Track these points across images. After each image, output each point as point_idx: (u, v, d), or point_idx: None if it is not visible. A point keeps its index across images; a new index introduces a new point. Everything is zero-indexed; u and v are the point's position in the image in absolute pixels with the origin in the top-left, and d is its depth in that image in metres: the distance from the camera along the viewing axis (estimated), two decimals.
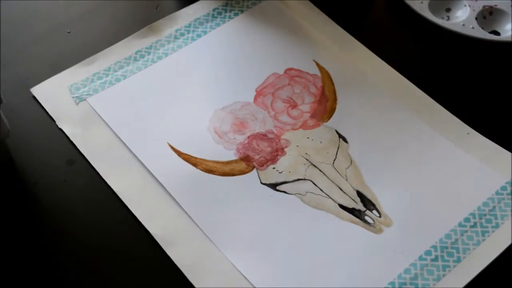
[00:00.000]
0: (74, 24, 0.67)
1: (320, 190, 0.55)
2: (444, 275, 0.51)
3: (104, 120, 0.59)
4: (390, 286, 0.50)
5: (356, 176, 0.56)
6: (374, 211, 0.54)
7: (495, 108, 0.62)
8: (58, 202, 0.55)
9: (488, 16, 0.68)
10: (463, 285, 0.50)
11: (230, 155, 0.57)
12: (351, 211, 0.54)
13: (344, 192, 0.55)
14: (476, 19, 0.67)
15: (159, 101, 0.61)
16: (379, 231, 0.53)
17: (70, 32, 0.67)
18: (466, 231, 0.53)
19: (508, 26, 0.67)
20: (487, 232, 0.53)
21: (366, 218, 0.54)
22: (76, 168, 0.57)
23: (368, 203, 0.55)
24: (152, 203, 0.54)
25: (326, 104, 0.61)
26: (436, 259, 0.51)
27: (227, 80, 0.62)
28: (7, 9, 0.68)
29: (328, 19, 0.67)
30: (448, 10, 0.69)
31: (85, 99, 0.61)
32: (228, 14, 0.68)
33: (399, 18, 0.70)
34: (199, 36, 0.66)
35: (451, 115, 0.60)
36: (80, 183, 0.56)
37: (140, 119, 0.60)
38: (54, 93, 0.61)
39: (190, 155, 0.57)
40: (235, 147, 0.58)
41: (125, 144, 0.58)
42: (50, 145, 0.58)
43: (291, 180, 0.56)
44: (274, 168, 0.57)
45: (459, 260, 0.51)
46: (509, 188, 0.55)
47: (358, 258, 0.52)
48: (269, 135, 0.59)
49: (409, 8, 0.68)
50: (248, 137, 0.59)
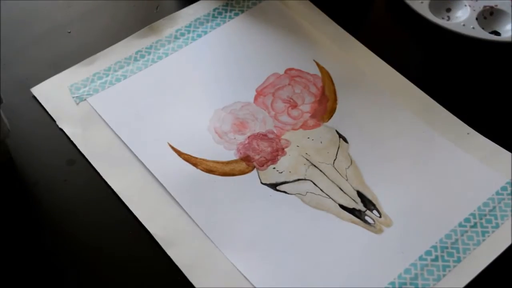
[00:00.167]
0: (74, 24, 0.67)
1: (320, 190, 0.55)
2: (444, 275, 0.51)
3: (104, 120, 0.59)
4: (390, 286, 0.50)
5: (356, 176, 0.56)
6: (374, 211, 0.54)
7: (495, 108, 0.62)
8: (58, 202, 0.55)
9: (489, 16, 0.68)
10: (463, 285, 0.50)
11: (230, 155, 0.57)
12: (352, 211, 0.54)
13: (345, 192, 0.55)
14: (477, 19, 0.67)
15: (160, 101, 0.61)
16: (379, 231, 0.53)
17: (70, 32, 0.67)
18: (466, 231, 0.53)
19: (509, 27, 0.67)
20: (487, 232, 0.53)
21: (366, 218, 0.54)
22: (76, 168, 0.57)
23: (369, 203, 0.55)
24: (152, 203, 0.54)
25: (326, 104, 0.61)
26: (436, 259, 0.51)
27: (228, 80, 0.62)
28: (7, 9, 0.68)
29: (328, 19, 0.67)
30: (449, 10, 0.69)
31: (85, 99, 0.61)
32: (228, 14, 0.68)
33: (399, 18, 0.69)
34: (199, 36, 0.66)
35: (451, 115, 0.60)
36: (80, 183, 0.56)
37: (141, 119, 0.60)
38: (54, 93, 0.61)
39: (190, 155, 0.57)
40: (235, 147, 0.58)
41: (125, 144, 0.58)
42: (50, 145, 0.58)
43: (291, 180, 0.56)
44: (274, 168, 0.57)
45: (459, 260, 0.51)
46: (509, 188, 0.55)
47: (358, 258, 0.52)
48: (269, 135, 0.59)
49: (409, 8, 0.68)
50: (249, 137, 0.59)
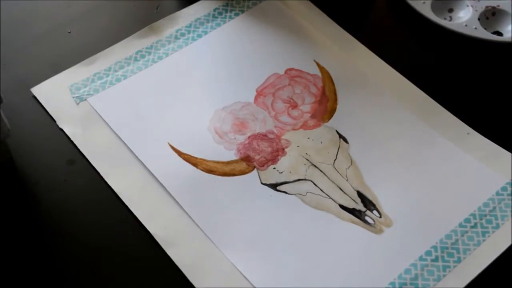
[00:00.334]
0: (74, 24, 0.67)
1: (321, 190, 0.55)
2: (444, 276, 0.50)
3: (104, 120, 0.59)
4: (390, 286, 0.50)
5: (356, 177, 0.56)
6: (375, 212, 0.54)
7: (496, 109, 0.62)
8: (58, 202, 0.55)
9: (491, 16, 0.68)
10: (464, 285, 0.50)
11: (230, 155, 0.57)
12: (352, 211, 0.54)
13: (345, 193, 0.55)
14: (479, 19, 0.67)
15: (160, 101, 0.61)
16: (379, 232, 0.53)
17: (70, 32, 0.67)
18: (467, 232, 0.53)
19: (510, 27, 0.67)
20: (488, 232, 0.53)
21: (367, 218, 0.54)
22: (76, 168, 0.57)
23: (369, 204, 0.54)
24: (152, 203, 0.54)
25: (326, 104, 0.61)
26: (436, 259, 0.51)
27: (228, 80, 0.62)
28: (7, 9, 0.68)
29: (328, 19, 0.67)
30: (451, 10, 0.69)
31: (85, 99, 0.61)
32: (228, 14, 0.68)
33: (400, 18, 0.69)
34: (199, 36, 0.66)
35: (451, 115, 0.60)
36: (80, 183, 0.56)
37: (141, 119, 0.60)
38: (54, 93, 0.61)
39: (190, 155, 0.57)
40: (235, 147, 0.58)
41: (125, 144, 0.58)
42: (50, 145, 0.58)
43: (291, 180, 0.56)
44: (274, 168, 0.57)
45: (459, 261, 0.51)
46: (509, 188, 0.55)
47: (358, 258, 0.52)
48: (269, 135, 0.59)
49: (411, 8, 0.68)
50: (249, 137, 0.59)
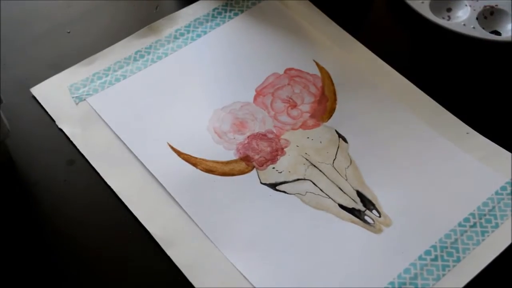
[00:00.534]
0: (74, 24, 0.67)
1: (320, 190, 0.55)
2: (443, 275, 0.51)
3: (104, 120, 0.59)
4: (390, 286, 0.50)
5: (356, 176, 0.56)
6: (374, 211, 0.54)
7: (495, 108, 0.62)
8: (58, 202, 0.55)
9: (489, 16, 0.68)
10: (463, 285, 0.50)
11: (230, 155, 0.57)
12: (351, 211, 0.54)
13: (344, 192, 0.55)
14: (477, 19, 0.67)
15: (159, 101, 0.61)
16: (378, 231, 0.53)
17: (70, 32, 0.67)
18: (466, 231, 0.53)
19: (509, 26, 0.67)
20: (487, 232, 0.53)
21: (366, 218, 0.54)
22: (76, 168, 0.57)
23: (368, 203, 0.55)
24: (152, 203, 0.54)
25: (326, 104, 0.61)
26: (435, 259, 0.51)
27: (227, 80, 0.62)
28: (7, 9, 0.68)
29: (328, 19, 0.67)
30: (449, 10, 0.69)
31: (85, 99, 0.61)
32: (228, 14, 0.68)
33: (399, 18, 0.69)
34: (199, 36, 0.66)
35: (451, 115, 0.60)
36: (80, 183, 0.56)
37: (140, 119, 0.60)
38: (54, 93, 0.61)
39: (190, 155, 0.57)
40: (235, 147, 0.58)
41: (125, 144, 0.58)
42: (50, 145, 0.58)
43: (291, 180, 0.56)
44: (274, 168, 0.57)
45: (458, 260, 0.51)
46: (509, 188, 0.55)
47: (358, 258, 0.52)
48: (269, 135, 0.59)
49: (409, 8, 0.68)
50: (248, 137, 0.59)
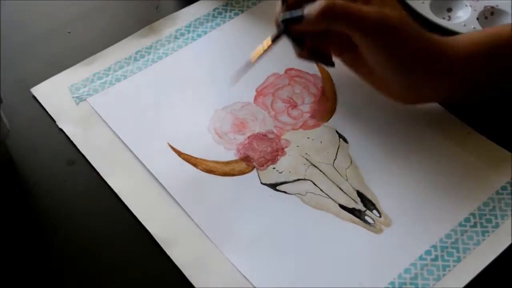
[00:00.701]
0: (74, 24, 0.67)
1: (320, 190, 0.55)
2: (444, 275, 0.50)
3: (104, 120, 0.59)
4: (390, 286, 0.50)
5: (356, 176, 0.56)
6: (374, 211, 0.54)
7: (495, 108, 0.62)
8: (58, 202, 0.55)
9: (490, 16, 0.67)
10: (463, 285, 0.50)
11: (230, 155, 0.57)
12: (351, 211, 0.54)
13: (344, 192, 0.55)
14: (478, 19, 0.66)
15: (159, 101, 0.61)
16: (379, 231, 0.53)
17: (70, 32, 0.67)
18: (466, 231, 0.53)
19: None
20: (487, 232, 0.53)
21: (366, 218, 0.54)
22: (76, 168, 0.57)
23: (368, 203, 0.55)
24: (152, 203, 0.54)
25: (326, 104, 0.61)
26: (436, 259, 0.51)
27: (227, 80, 0.62)
28: (7, 9, 0.68)
29: None
30: (450, 10, 0.69)
31: (85, 99, 0.61)
32: (228, 14, 0.68)
33: None
34: (199, 36, 0.66)
35: (451, 115, 0.60)
36: (80, 183, 0.56)
37: (141, 119, 0.60)
38: (54, 93, 0.61)
39: (190, 155, 0.57)
40: (235, 147, 0.58)
41: (125, 144, 0.58)
42: (50, 145, 0.58)
43: (291, 180, 0.56)
44: (274, 168, 0.57)
45: (459, 260, 0.51)
46: (509, 188, 0.55)
47: (358, 258, 0.52)
48: (269, 135, 0.59)
49: (410, 7, 0.68)
50: (248, 137, 0.59)
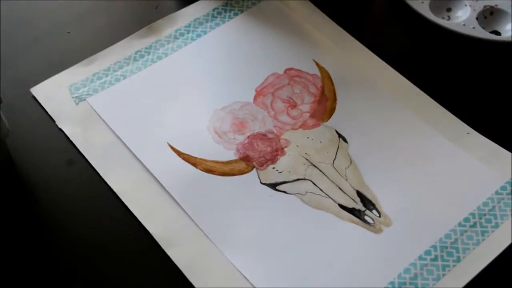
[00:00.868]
0: (74, 24, 0.67)
1: (320, 190, 0.55)
2: (443, 275, 0.51)
3: (104, 120, 0.59)
4: (390, 286, 0.50)
5: (356, 176, 0.56)
6: (374, 211, 0.54)
7: (495, 108, 0.62)
8: (57, 202, 0.55)
9: (489, 16, 0.68)
10: (463, 285, 0.50)
11: (230, 155, 0.57)
12: (351, 211, 0.54)
13: (344, 192, 0.55)
14: (477, 19, 0.66)
15: (159, 101, 0.61)
16: (378, 231, 0.53)
17: (70, 32, 0.67)
18: (466, 231, 0.53)
19: (509, 26, 0.67)
20: (487, 232, 0.53)
21: (366, 218, 0.54)
22: (76, 168, 0.57)
23: (368, 203, 0.55)
24: (152, 203, 0.54)
25: (325, 104, 0.61)
26: (435, 259, 0.51)
27: (227, 80, 0.62)
28: (7, 9, 0.68)
29: (328, 19, 0.67)
30: (449, 10, 0.69)
31: (85, 99, 0.61)
32: (228, 14, 0.68)
33: (399, 18, 0.69)
34: (198, 36, 0.66)
35: (451, 115, 0.60)
36: (80, 183, 0.56)
37: (140, 119, 0.60)
38: (54, 93, 0.61)
39: (190, 155, 0.57)
40: (235, 147, 0.58)
41: (125, 144, 0.58)
42: (50, 145, 0.58)
43: (291, 180, 0.56)
44: (274, 168, 0.57)
45: (458, 260, 0.51)
46: (508, 188, 0.55)
47: (358, 258, 0.52)
48: (269, 135, 0.59)
49: (409, 8, 0.68)
50: (248, 137, 0.59)
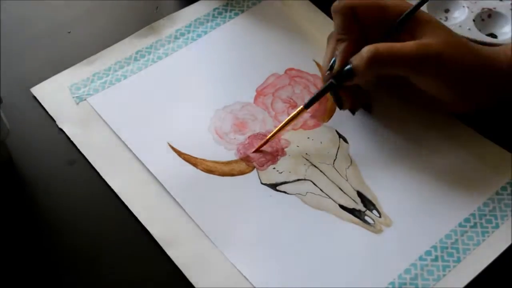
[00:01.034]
0: (74, 24, 0.67)
1: (320, 190, 0.55)
2: (444, 275, 0.51)
3: (104, 120, 0.59)
4: (390, 286, 0.50)
5: (356, 176, 0.56)
6: (374, 211, 0.54)
7: (495, 109, 0.62)
8: (58, 202, 0.55)
9: (487, 18, 0.67)
10: (463, 285, 0.50)
11: (230, 155, 0.57)
12: (351, 211, 0.54)
13: (344, 192, 0.55)
14: (474, 21, 0.66)
15: (160, 101, 0.61)
16: (379, 231, 0.53)
17: (70, 32, 0.67)
18: (466, 231, 0.53)
19: (506, 29, 0.66)
20: (487, 232, 0.53)
21: (366, 218, 0.54)
22: (76, 168, 0.57)
23: (368, 203, 0.55)
24: (152, 203, 0.54)
25: (326, 104, 0.61)
26: (436, 259, 0.51)
27: (228, 80, 0.62)
28: (7, 9, 0.68)
29: (328, 19, 0.67)
30: (447, 11, 0.69)
31: (85, 99, 0.61)
32: (228, 14, 0.68)
33: None
34: (199, 36, 0.66)
35: (451, 115, 0.60)
36: (80, 183, 0.56)
37: (141, 119, 0.60)
38: (54, 93, 0.61)
39: (190, 155, 0.57)
40: (235, 147, 0.58)
41: (125, 144, 0.58)
42: (50, 145, 0.58)
43: (291, 180, 0.56)
44: (274, 168, 0.57)
45: (459, 260, 0.51)
46: (509, 188, 0.55)
47: (358, 258, 0.52)
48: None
49: None
50: (249, 137, 0.59)
